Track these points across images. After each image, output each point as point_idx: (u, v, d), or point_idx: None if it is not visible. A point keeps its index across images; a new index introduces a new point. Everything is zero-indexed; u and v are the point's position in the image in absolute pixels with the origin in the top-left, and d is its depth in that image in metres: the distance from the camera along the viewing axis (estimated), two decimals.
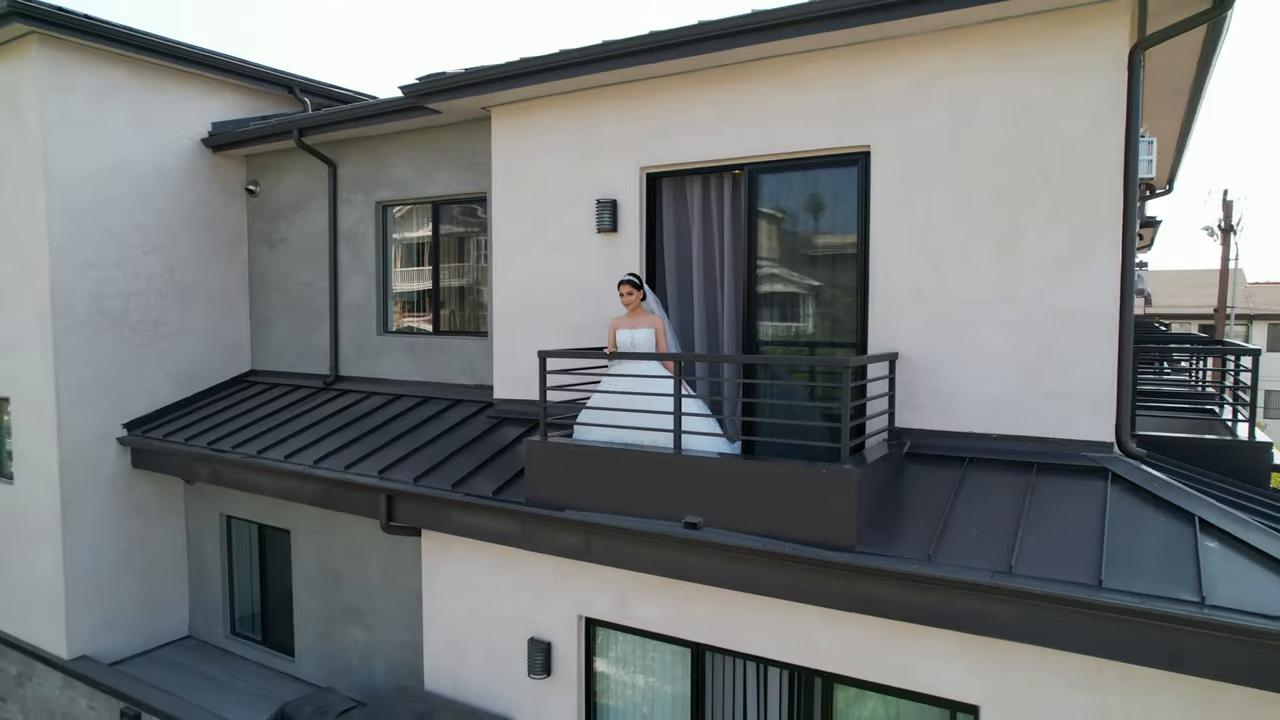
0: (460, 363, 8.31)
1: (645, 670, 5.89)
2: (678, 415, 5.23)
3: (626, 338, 5.96)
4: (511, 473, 6.34)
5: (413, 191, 8.54)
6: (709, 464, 5.12)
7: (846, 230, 5.93)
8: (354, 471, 6.91)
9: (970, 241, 5.35)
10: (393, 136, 8.61)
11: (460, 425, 7.56)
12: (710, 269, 6.73)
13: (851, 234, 5.89)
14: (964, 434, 5.42)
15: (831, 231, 6.01)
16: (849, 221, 5.90)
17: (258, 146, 9.33)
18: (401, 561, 7.64)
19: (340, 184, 9.09)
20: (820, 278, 6.10)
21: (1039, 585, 4.04)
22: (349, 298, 9.13)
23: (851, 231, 5.89)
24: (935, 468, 5.32)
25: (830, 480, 4.67)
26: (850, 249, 5.90)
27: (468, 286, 8.55)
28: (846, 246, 5.93)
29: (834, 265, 6.02)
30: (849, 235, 5.91)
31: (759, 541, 4.84)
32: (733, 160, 6.28)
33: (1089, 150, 4.96)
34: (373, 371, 8.99)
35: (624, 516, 5.38)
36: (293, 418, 8.42)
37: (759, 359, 6.13)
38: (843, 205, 5.94)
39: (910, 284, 5.56)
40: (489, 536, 6.10)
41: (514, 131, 7.31)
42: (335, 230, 9.15)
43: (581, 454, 5.61)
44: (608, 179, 6.80)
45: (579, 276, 6.99)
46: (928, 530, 4.67)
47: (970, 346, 5.37)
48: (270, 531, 8.78)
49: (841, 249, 5.96)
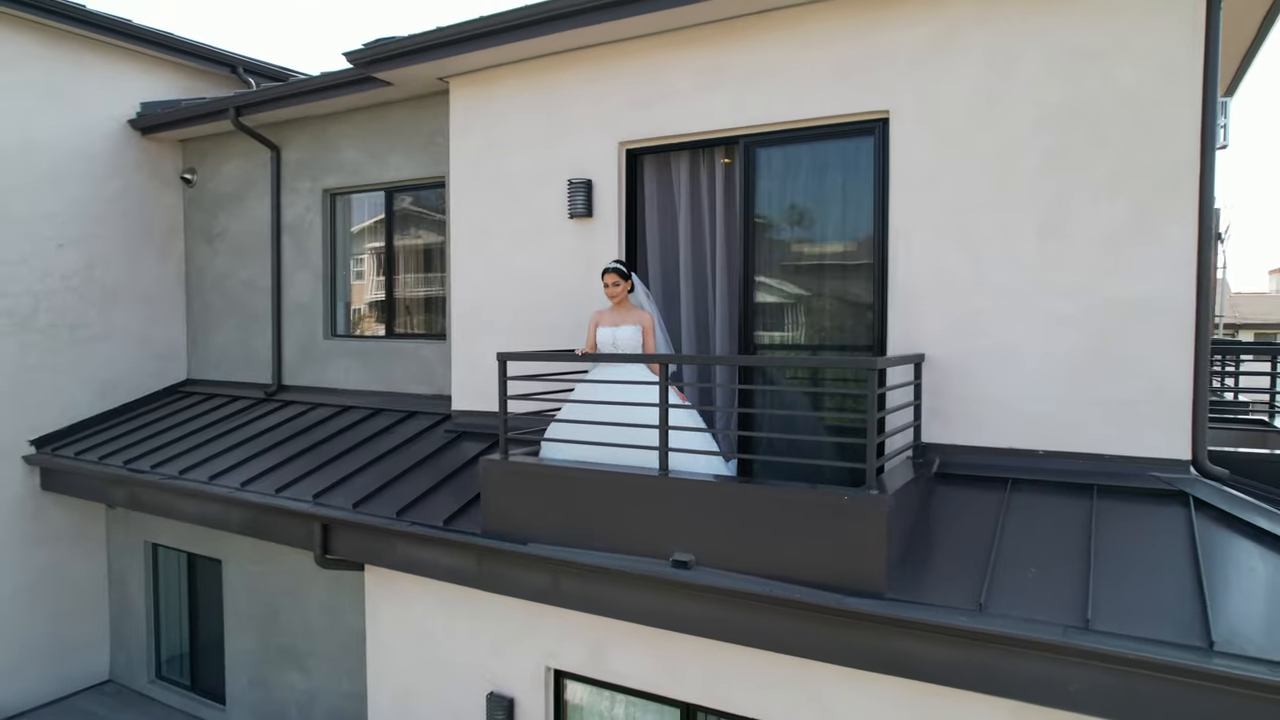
0: (417, 370, 7.35)
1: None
2: (664, 429, 4.32)
3: (607, 336, 5.05)
4: (468, 497, 5.40)
5: (363, 177, 7.60)
6: (702, 488, 4.21)
7: (860, 212, 5.06)
8: (286, 495, 5.92)
9: (1009, 220, 4.50)
10: (341, 116, 7.67)
11: (413, 441, 6.60)
12: (700, 260, 5.84)
13: (867, 216, 5.02)
14: (1003, 450, 4.55)
15: (842, 214, 5.14)
16: (863, 201, 5.04)
17: (193, 129, 8.35)
18: (345, 597, 6.66)
19: (284, 170, 8.13)
20: (829, 269, 5.22)
21: (1130, 647, 3.15)
22: (293, 297, 8.15)
23: (866, 213, 5.02)
24: (972, 491, 4.44)
25: (854, 509, 3.77)
26: (865, 234, 5.03)
27: (425, 283, 7.60)
28: (860, 231, 5.06)
29: (846, 253, 5.15)
30: (863, 218, 5.04)
31: (763, 585, 3.92)
32: (725, 132, 5.40)
33: (1157, 106, 4.13)
34: (319, 380, 8.00)
35: (599, 552, 4.45)
36: (226, 432, 7.42)
37: (765, 361, 5.23)
38: (856, 182, 5.07)
39: (938, 272, 4.70)
40: (439, 574, 5.14)
41: (475, 105, 6.40)
42: (278, 222, 8.18)
43: (548, 476, 4.68)
44: (582, 157, 5.91)
45: (549, 269, 6.08)
46: (973, 570, 3.78)
47: (1010, 346, 4.52)
48: (200, 561, 7.75)
49: (855, 234, 5.09)
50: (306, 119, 7.88)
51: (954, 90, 4.62)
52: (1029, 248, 4.46)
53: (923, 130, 4.73)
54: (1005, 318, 4.53)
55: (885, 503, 3.71)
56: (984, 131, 4.56)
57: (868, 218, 5.01)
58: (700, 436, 4.72)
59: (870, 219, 4.99)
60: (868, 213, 5.01)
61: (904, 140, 4.79)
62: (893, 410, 4.35)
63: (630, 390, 4.75)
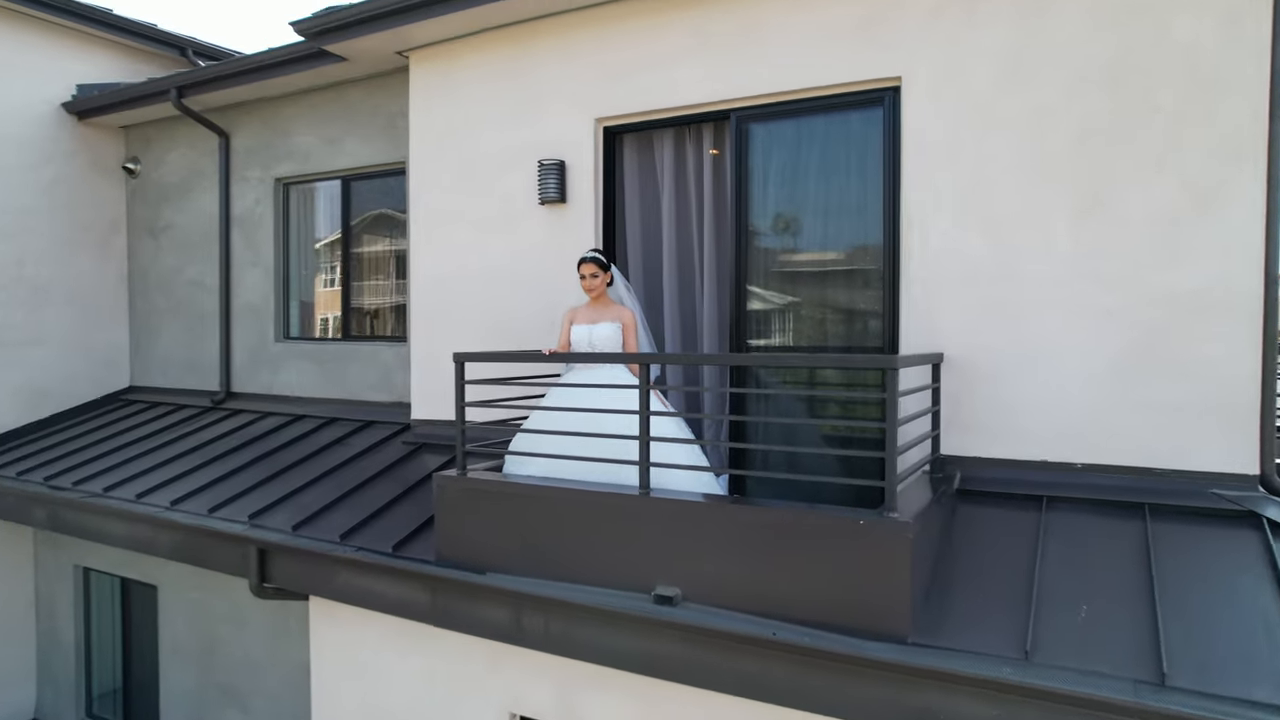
0: (375, 374, 6.68)
1: None
2: (644, 440, 3.69)
3: (583, 335, 4.42)
4: (423, 518, 4.73)
5: (318, 164, 6.94)
6: (688, 510, 3.58)
7: (868, 194, 4.46)
8: (219, 515, 5.24)
9: (1041, 201, 3.92)
10: (294, 98, 7.02)
11: (368, 453, 5.94)
12: (686, 252, 5.23)
13: (875, 198, 4.42)
14: (1035, 463, 3.96)
15: (847, 196, 4.54)
16: (871, 182, 4.44)
17: (133, 112, 7.66)
18: (290, 628, 5.96)
19: (234, 158, 7.46)
20: (832, 260, 4.62)
21: (1222, 711, 2.54)
22: (243, 297, 7.47)
23: (875, 195, 4.43)
24: (1001, 510, 3.85)
25: (871, 535, 3.16)
26: (874, 219, 4.44)
27: (385, 281, 6.94)
28: (868, 216, 4.47)
29: (851, 242, 4.55)
30: (872, 200, 4.44)
31: (763, 625, 3.30)
32: (714, 106, 4.81)
33: (1216, 64, 3.57)
34: (270, 387, 7.31)
35: (569, 584, 3.80)
36: (164, 445, 6.71)
37: (763, 360, 4.62)
38: (862, 160, 4.48)
39: (958, 261, 4.11)
40: (387, 606, 4.47)
41: (437, 81, 5.77)
42: (227, 214, 7.50)
43: (511, 495, 4.04)
44: (554, 135, 5.29)
45: (519, 261, 5.45)
46: (1012, 608, 3.17)
47: (1042, 344, 3.93)
48: (135, 587, 7.01)
49: (861, 220, 4.50)
50: (257, 102, 7.22)
51: (976, 52, 4.05)
52: (1064, 232, 3.88)
53: (939, 99, 4.15)
54: (1037, 312, 3.95)
55: (908, 528, 3.09)
56: (1011, 99, 3.98)
57: (876, 200, 4.42)
58: (687, 449, 4.09)
59: (879, 202, 4.40)
60: (876, 195, 4.42)
61: (918, 111, 4.21)
62: (909, 419, 3.74)
63: (607, 396, 4.13)
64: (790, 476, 3.67)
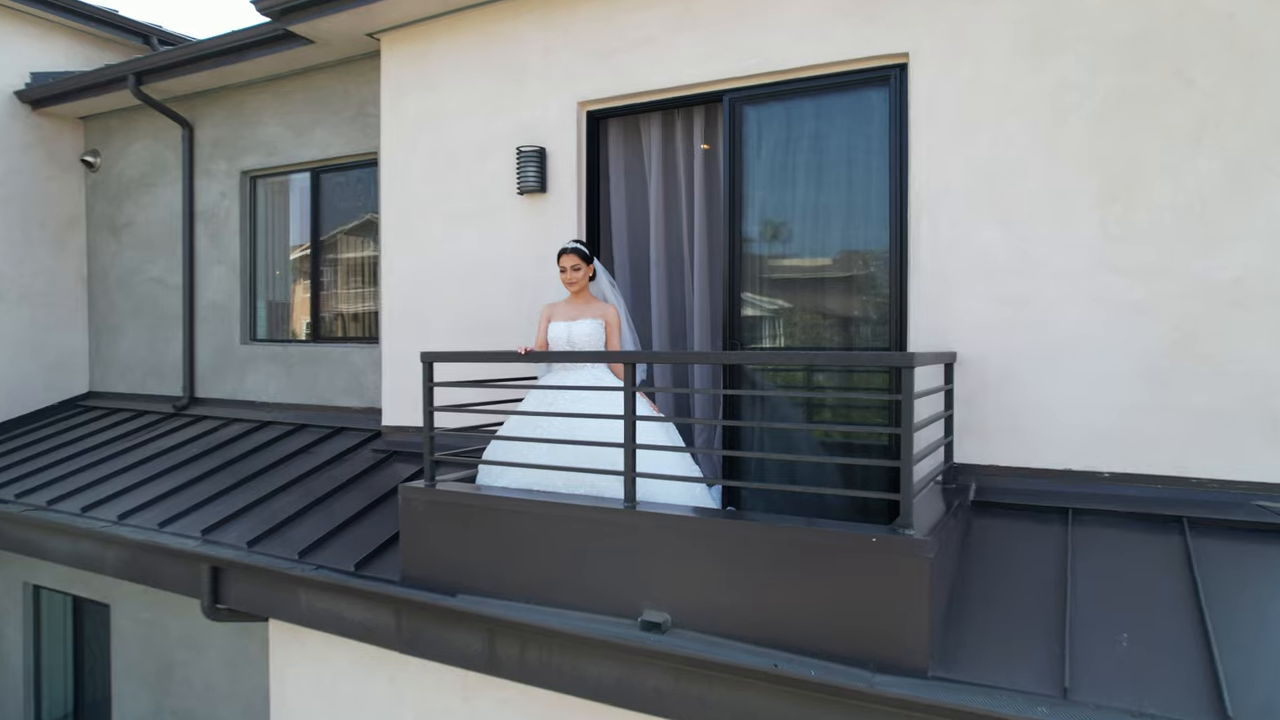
0: (345, 378, 6.29)
1: None
2: (630, 448, 3.33)
3: (562, 333, 4.06)
4: (391, 532, 4.35)
5: (286, 156, 6.56)
6: (680, 525, 3.22)
7: (872, 180, 4.13)
8: (171, 530, 4.83)
9: (1062, 185, 3.60)
10: (262, 86, 6.64)
11: (335, 462, 5.54)
12: (675, 246, 4.89)
13: (880, 185, 4.09)
14: (1057, 471, 3.62)
15: (849, 183, 4.21)
16: (876, 167, 4.11)
17: (91, 101, 7.24)
18: (252, 651, 5.55)
19: (198, 150, 7.06)
20: (834, 252, 4.28)
21: None
22: (208, 296, 7.06)
23: (880, 181, 4.09)
24: (1020, 524, 3.50)
25: (885, 554, 2.80)
26: (878, 207, 4.10)
27: (356, 279, 6.55)
28: (872, 204, 4.13)
29: (854, 232, 4.21)
30: (876, 187, 4.11)
31: (762, 656, 2.93)
32: (706, 87, 4.47)
33: (1257, 32, 3.25)
34: (236, 392, 6.90)
35: (547, 608, 3.43)
36: (119, 453, 6.30)
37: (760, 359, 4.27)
38: (866, 143, 4.15)
39: (971, 252, 3.78)
40: (350, 630, 4.08)
41: (411, 65, 5.41)
42: (191, 209, 7.09)
43: (484, 508, 3.66)
44: (534, 120, 4.94)
45: (496, 256, 5.08)
46: (1043, 636, 2.82)
47: (1064, 341, 3.60)
48: (88, 607, 6.58)
49: (865, 208, 4.16)
50: (222, 90, 6.83)
51: (990, 24, 3.73)
52: (1087, 219, 3.56)
53: (951, 76, 3.82)
54: (1058, 307, 3.62)
55: (927, 546, 2.74)
56: (1029, 76, 3.66)
57: (881, 187, 4.08)
58: (677, 457, 3.73)
59: (885, 189, 4.07)
60: (881, 181, 4.09)
61: (927, 90, 3.88)
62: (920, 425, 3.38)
63: (589, 399, 3.77)
64: (791, 488, 3.32)
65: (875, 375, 4.18)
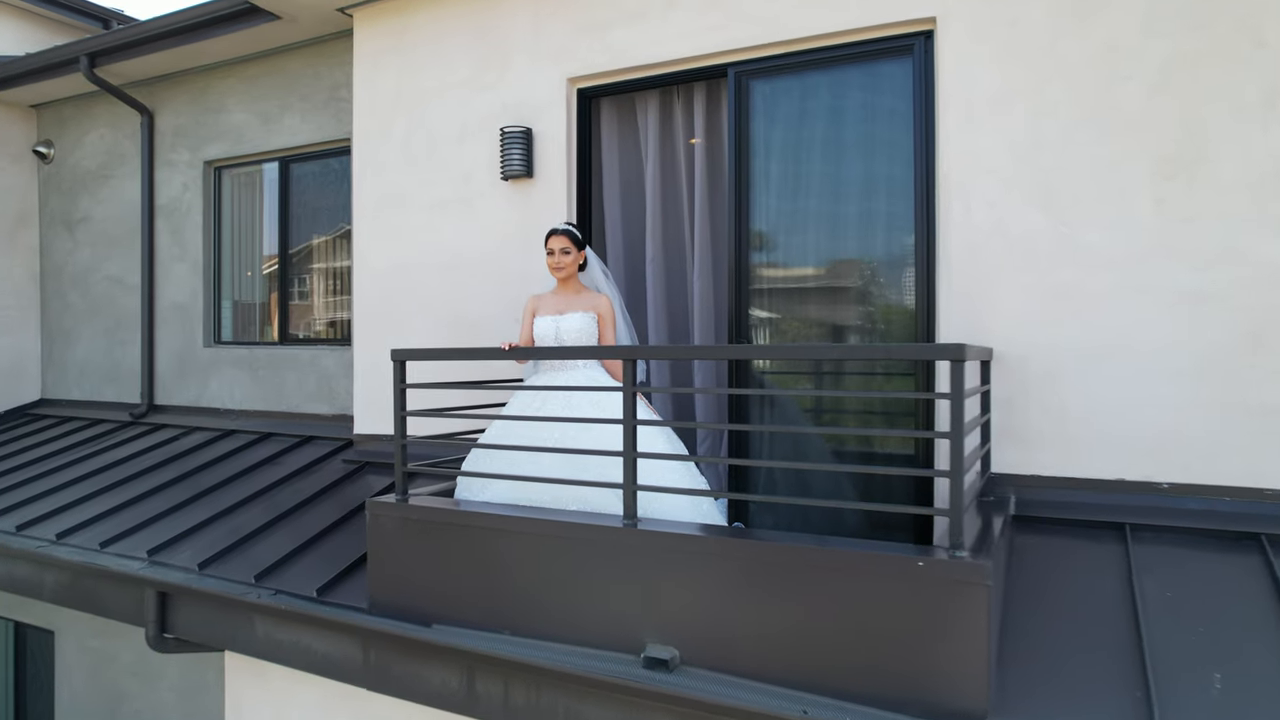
0: (315, 383, 5.83)
1: None
2: (630, 457, 2.90)
3: (549, 328, 3.62)
4: (360, 552, 3.89)
5: (253, 144, 6.10)
6: (690, 546, 2.78)
7: (894, 160, 3.74)
8: (114, 550, 4.34)
9: (1111, 162, 3.22)
10: (227, 70, 6.18)
11: (302, 474, 5.07)
12: (675, 233, 4.48)
13: (904, 164, 3.70)
14: (1108, 482, 3.23)
15: (868, 163, 3.82)
16: (900, 145, 3.72)
17: (43, 86, 6.76)
18: (208, 681, 5.06)
19: (158, 139, 6.59)
20: (851, 240, 3.88)
21: None
22: (169, 296, 6.57)
23: (904, 161, 3.70)
24: (1070, 542, 3.10)
25: (936, 580, 2.38)
26: (902, 189, 3.71)
27: (327, 275, 6.09)
28: (895, 186, 3.74)
29: (873, 218, 3.81)
30: (900, 167, 3.72)
31: (788, 700, 2.50)
32: (708, 59, 4.08)
33: None
34: (199, 398, 6.41)
35: (537, 641, 2.99)
36: (67, 465, 5.78)
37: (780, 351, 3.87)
38: (887, 120, 3.77)
39: (1009, 237, 3.39)
40: (313, 665, 3.61)
41: (385, 41, 4.98)
42: (151, 203, 6.61)
43: (463, 526, 3.21)
44: (519, 99, 4.52)
45: (479, 247, 4.65)
46: (1119, 676, 2.41)
47: (1115, 336, 3.22)
48: (30, 633, 6.04)
49: (886, 190, 3.77)
50: (184, 75, 6.37)
51: None
52: (1141, 198, 3.18)
53: (984, 41, 3.44)
54: (1108, 298, 3.23)
55: (984, 570, 2.32)
56: (1072, 41, 3.29)
57: (905, 166, 3.70)
58: (681, 468, 3.30)
59: (909, 169, 3.68)
60: (905, 160, 3.70)
61: (957, 59, 3.50)
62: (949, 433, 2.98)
63: (581, 402, 3.34)
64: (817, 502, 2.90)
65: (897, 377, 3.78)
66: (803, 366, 4.11)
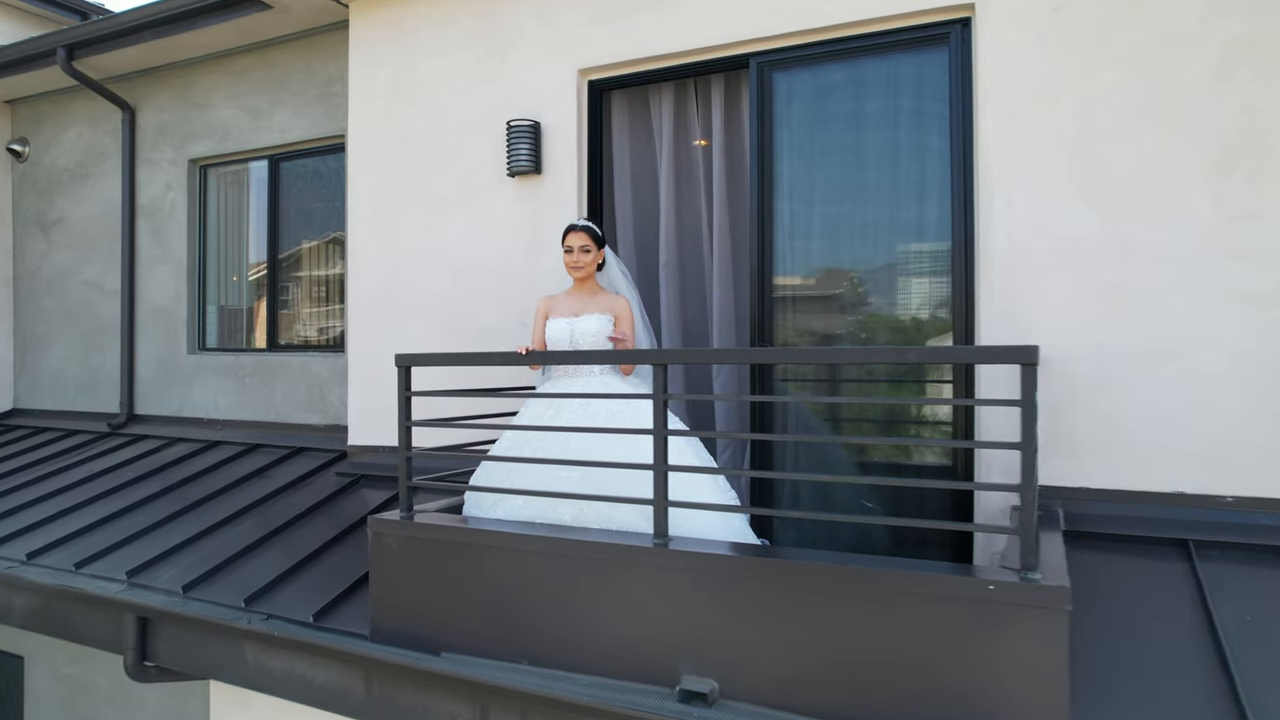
0: (306, 392, 5.54)
1: None
2: (661, 470, 2.66)
3: (563, 331, 3.38)
4: (359, 573, 3.62)
5: (240, 141, 5.83)
6: (728, 566, 2.55)
7: (928, 153, 3.54)
8: (90, 571, 4.04)
9: (1166, 154, 3.04)
10: (213, 63, 5.91)
11: (293, 488, 4.80)
12: (692, 234, 4.25)
13: (940, 159, 3.50)
14: (1165, 495, 3.03)
15: (900, 157, 3.62)
16: (935, 137, 3.52)
17: (18, 80, 6.44)
18: (190, 710, 4.73)
19: (140, 136, 6.30)
20: (882, 237, 3.67)
21: None
22: (150, 299, 6.27)
23: (939, 155, 3.51)
24: (1129, 560, 2.90)
25: (1008, 605, 2.16)
26: (938, 184, 3.51)
27: (320, 279, 5.82)
28: (930, 180, 3.54)
29: (906, 214, 3.61)
30: (935, 161, 3.52)
31: None
32: (729, 49, 3.87)
33: None
34: (181, 408, 6.10)
35: (558, 672, 2.73)
36: (40, 479, 5.46)
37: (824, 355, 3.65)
38: (920, 112, 3.57)
39: (1055, 234, 3.20)
40: (311, 697, 3.33)
41: (383, 32, 4.74)
42: (132, 203, 6.31)
43: (475, 546, 2.96)
44: (527, 91, 4.29)
45: (483, 247, 4.41)
46: (1209, 708, 2.19)
47: (1171, 339, 3.03)
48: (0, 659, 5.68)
49: (919, 186, 3.57)
50: (168, 69, 6.09)
51: None
52: (1198, 193, 3.00)
53: (1027, 29, 3.26)
54: (1163, 298, 3.04)
55: (1064, 595, 2.11)
56: (1124, 27, 3.10)
57: (941, 161, 3.50)
58: (710, 482, 3.07)
59: (945, 162, 3.48)
60: (940, 154, 3.50)
61: (997, 47, 3.31)
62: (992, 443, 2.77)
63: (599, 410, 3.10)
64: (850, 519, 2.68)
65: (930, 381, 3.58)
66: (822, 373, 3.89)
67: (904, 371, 3.71)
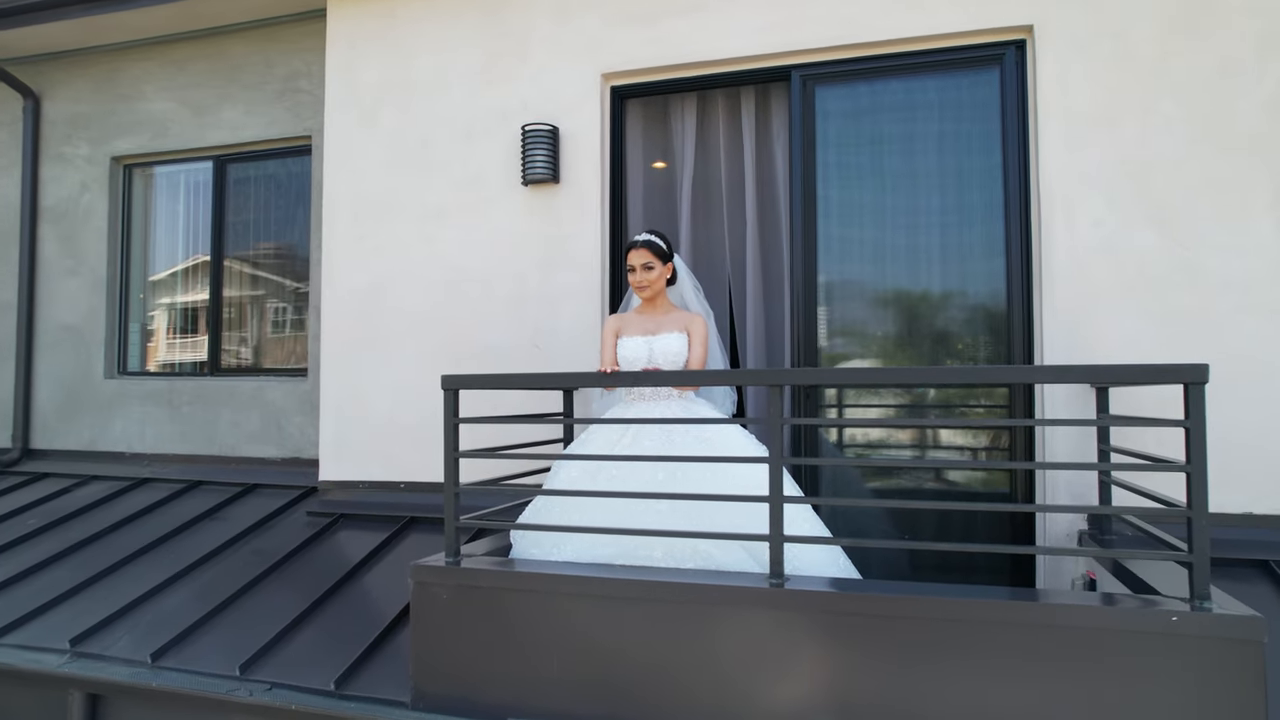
0: (259, 421, 4.91)
1: None
2: (777, 500, 2.40)
3: (640, 350, 3.06)
4: (374, 632, 3.13)
5: (180, 139, 5.17)
6: (860, 606, 2.31)
7: (981, 172, 3.50)
8: (15, 641, 3.32)
9: (1228, 180, 3.10)
10: (146, 50, 5.24)
11: (257, 531, 4.19)
12: (718, 251, 4.04)
13: (994, 181, 3.46)
14: (1236, 516, 3.05)
15: (951, 176, 3.55)
16: (987, 157, 3.48)
17: None
18: None
19: (46, 128, 5.49)
20: (934, 257, 3.58)
21: None
22: (56, 315, 5.43)
23: (994, 174, 3.46)
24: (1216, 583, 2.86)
25: (1193, 640, 2.03)
26: (991, 207, 3.46)
27: (274, 293, 5.20)
28: (981, 203, 3.49)
29: (958, 235, 3.54)
30: (989, 184, 3.48)
31: None
32: (771, 60, 3.72)
33: None
34: (96, 441, 5.28)
35: None
36: None
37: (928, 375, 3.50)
38: (971, 132, 3.52)
39: (1118, 256, 3.20)
40: None
41: (370, 26, 4.31)
42: (34, 205, 5.48)
43: (544, 593, 2.58)
44: (541, 96, 3.98)
45: (488, 260, 4.03)
46: None
47: (1243, 359, 3.06)
48: None
49: (971, 208, 3.51)
50: (88, 53, 5.36)
51: None
52: (1264, 219, 3.07)
53: (1088, 55, 3.28)
54: (1232, 320, 3.08)
55: (1259, 626, 2.00)
56: (1185, 54, 3.17)
57: (994, 181, 3.46)
58: (807, 512, 2.83)
59: (998, 183, 3.44)
60: (994, 175, 3.46)
61: (1057, 69, 3.31)
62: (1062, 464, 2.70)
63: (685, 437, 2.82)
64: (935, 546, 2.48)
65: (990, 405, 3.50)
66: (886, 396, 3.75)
67: (963, 395, 3.62)
